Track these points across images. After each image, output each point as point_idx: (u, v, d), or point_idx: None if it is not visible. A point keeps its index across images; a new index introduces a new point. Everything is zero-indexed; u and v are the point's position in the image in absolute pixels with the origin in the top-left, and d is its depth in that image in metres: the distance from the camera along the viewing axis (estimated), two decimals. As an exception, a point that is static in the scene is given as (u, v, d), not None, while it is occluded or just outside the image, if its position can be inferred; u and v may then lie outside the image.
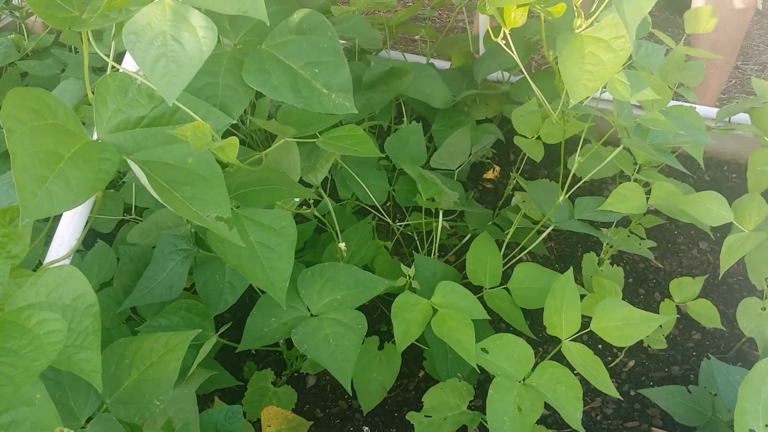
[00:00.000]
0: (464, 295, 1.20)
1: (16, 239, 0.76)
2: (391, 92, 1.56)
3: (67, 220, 0.95)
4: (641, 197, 1.31)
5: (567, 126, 1.35)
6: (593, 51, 0.93)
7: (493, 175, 1.93)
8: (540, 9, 0.97)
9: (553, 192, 1.39)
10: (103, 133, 0.83)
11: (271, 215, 1.02)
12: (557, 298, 1.15)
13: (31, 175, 0.70)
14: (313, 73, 0.94)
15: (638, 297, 1.61)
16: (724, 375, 1.16)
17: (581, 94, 0.91)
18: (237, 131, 1.72)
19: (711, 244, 1.72)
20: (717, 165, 1.92)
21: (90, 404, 0.89)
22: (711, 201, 1.22)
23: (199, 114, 0.87)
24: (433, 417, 1.18)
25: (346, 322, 1.12)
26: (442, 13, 2.84)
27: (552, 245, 1.74)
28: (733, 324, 1.53)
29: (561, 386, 1.07)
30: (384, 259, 1.41)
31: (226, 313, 1.24)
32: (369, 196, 1.44)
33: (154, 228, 1.25)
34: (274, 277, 1.01)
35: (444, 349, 1.31)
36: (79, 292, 0.75)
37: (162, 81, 0.68)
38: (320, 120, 1.16)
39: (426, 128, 1.72)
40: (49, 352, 0.70)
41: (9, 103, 0.72)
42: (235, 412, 1.03)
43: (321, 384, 1.44)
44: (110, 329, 1.17)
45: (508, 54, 1.05)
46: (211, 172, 0.85)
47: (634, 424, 1.36)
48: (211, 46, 0.69)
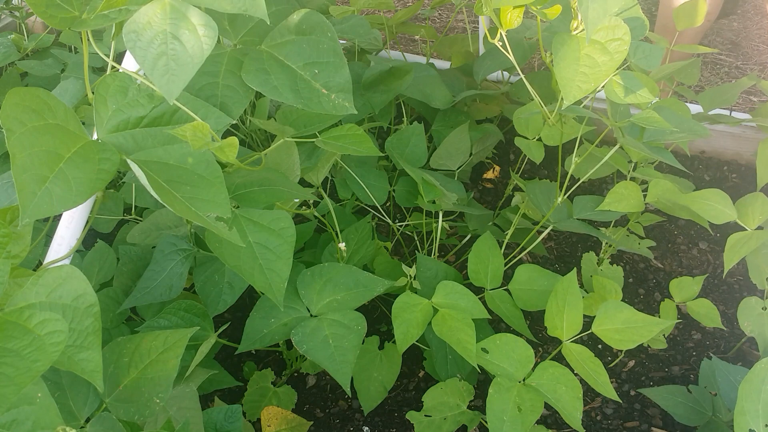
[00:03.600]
0: (465, 294, 1.20)
1: (16, 239, 0.76)
2: (391, 92, 1.56)
3: (67, 220, 0.95)
4: (638, 195, 1.31)
5: (565, 127, 1.36)
6: (588, 53, 0.93)
7: (493, 175, 1.93)
8: (536, 11, 0.97)
9: (551, 192, 1.39)
10: (103, 133, 0.83)
11: (270, 216, 1.02)
12: (559, 300, 1.15)
13: (31, 175, 0.70)
14: (312, 74, 0.94)
15: (638, 297, 1.61)
16: (724, 374, 1.16)
17: (575, 96, 0.92)
18: (237, 131, 1.72)
19: (711, 244, 1.72)
20: (717, 165, 1.92)
21: (89, 404, 0.89)
22: (715, 198, 1.23)
23: (199, 114, 0.87)
24: (433, 417, 1.18)
25: (345, 323, 1.12)
26: (442, 13, 2.84)
27: (552, 245, 1.74)
28: (733, 324, 1.53)
29: (561, 386, 1.07)
30: (384, 260, 1.41)
31: (226, 313, 1.24)
32: (369, 197, 1.44)
33: (154, 228, 1.25)
34: (273, 279, 1.01)
35: (444, 349, 1.31)
36: (79, 292, 0.75)
37: (162, 80, 0.68)
38: (320, 120, 1.16)
39: (426, 128, 1.72)
40: (51, 353, 0.70)
41: (9, 102, 0.72)
42: (234, 412, 1.03)
43: (321, 384, 1.44)
44: (110, 329, 1.17)
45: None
46: (211, 172, 0.85)
47: (634, 424, 1.36)
48: (212, 44, 0.69)
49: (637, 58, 1.10)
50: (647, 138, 1.24)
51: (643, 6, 2.58)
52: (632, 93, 0.99)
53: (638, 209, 1.30)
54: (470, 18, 2.42)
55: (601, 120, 1.16)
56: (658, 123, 1.04)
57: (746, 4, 2.68)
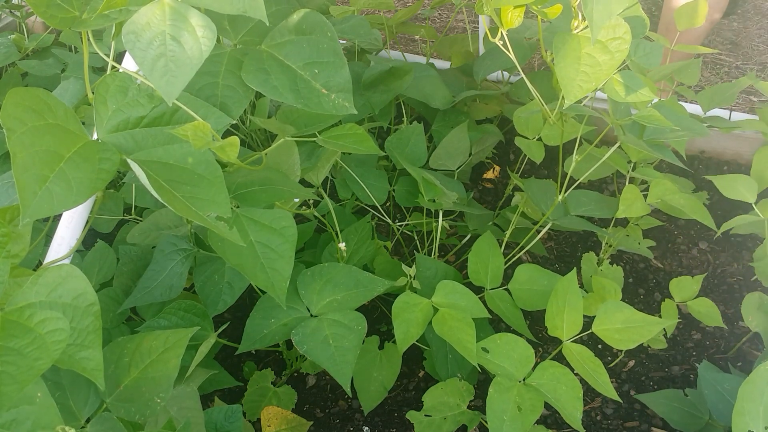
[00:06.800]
0: (465, 294, 1.20)
1: (16, 239, 0.76)
2: (391, 92, 1.56)
3: (67, 220, 0.95)
4: (641, 198, 1.33)
5: (566, 126, 1.36)
6: (589, 52, 0.93)
7: (493, 175, 1.93)
8: (536, 10, 0.97)
9: (550, 190, 1.39)
10: (103, 133, 0.83)
11: (271, 215, 1.02)
12: (560, 300, 1.15)
13: (31, 174, 0.70)
14: (312, 74, 0.94)
15: (638, 297, 1.61)
16: (711, 383, 1.15)
17: (576, 95, 0.92)
18: (237, 131, 1.72)
19: (711, 244, 1.72)
20: (717, 165, 1.92)
21: (90, 404, 0.89)
22: (740, 180, 1.34)
23: (199, 114, 0.87)
24: (433, 416, 1.18)
25: (345, 323, 1.12)
26: (442, 13, 2.84)
27: (552, 245, 1.74)
28: (733, 324, 1.53)
29: (561, 386, 1.07)
30: (384, 259, 1.41)
31: (226, 313, 1.24)
32: (369, 196, 1.44)
33: (154, 228, 1.26)
34: (275, 277, 1.02)
35: (444, 348, 1.31)
36: (79, 291, 0.75)
37: (161, 81, 0.68)
38: (320, 120, 1.16)
39: (426, 128, 1.72)
40: (52, 351, 0.70)
41: (9, 102, 0.72)
42: (235, 412, 1.03)
43: (321, 384, 1.44)
44: (110, 329, 1.17)
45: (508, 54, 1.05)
46: (211, 172, 0.85)
47: (634, 424, 1.36)
48: (210, 45, 0.69)
49: (637, 56, 1.10)
50: (647, 136, 1.24)
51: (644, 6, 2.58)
52: (633, 92, 0.99)
53: (645, 212, 1.32)
54: (470, 18, 2.42)
55: (602, 120, 1.17)
56: (658, 121, 1.04)
57: (746, 4, 2.69)
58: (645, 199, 1.35)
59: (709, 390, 1.14)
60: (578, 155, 1.29)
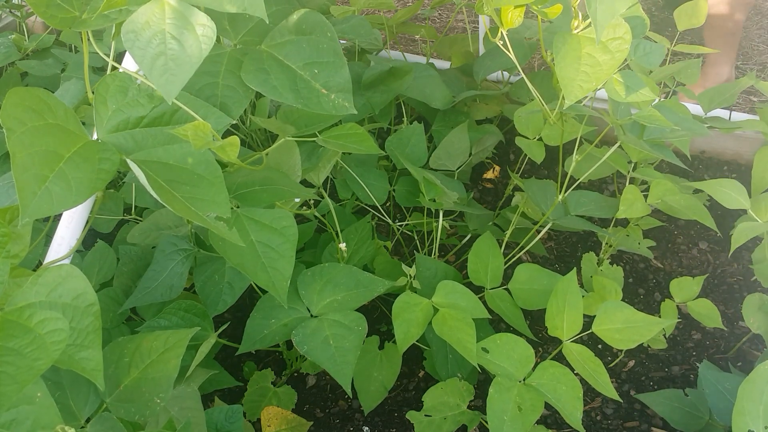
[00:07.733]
0: (465, 294, 1.20)
1: (16, 239, 0.76)
2: (391, 92, 1.56)
3: (67, 220, 0.95)
4: (641, 199, 1.33)
5: (566, 127, 1.36)
6: (590, 52, 0.93)
7: (493, 175, 1.93)
8: (536, 10, 0.97)
9: (550, 190, 1.39)
10: (103, 133, 0.83)
11: (272, 215, 1.02)
12: (560, 300, 1.15)
13: (31, 174, 0.70)
14: (312, 74, 0.94)
15: (638, 297, 1.61)
16: (712, 383, 1.15)
17: (576, 95, 0.92)
18: (237, 131, 1.72)
19: (711, 244, 1.72)
20: (717, 165, 1.92)
21: (90, 404, 0.89)
22: (731, 187, 1.30)
23: (199, 114, 0.87)
24: (433, 416, 1.18)
25: (346, 323, 1.12)
26: (442, 13, 2.84)
27: (552, 245, 1.74)
28: (733, 324, 1.53)
29: (561, 386, 1.07)
30: (384, 259, 1.41)
31: (226, 313, 1.24)
32: (369, 196, 1.44)
33: (154, 228, 1.26)
34: (276, 277, 1.02)
35: (444, 348, 1.31)
36: (79, 291, 0.75)
37: (161, 80, 0.68)
38: (320, 120, 1.16)
39: (426, 128, 1.72)
40: (52, 351, 0.70)
41: (9, 102, 0.72)
42: (235, 412, 1.03)
43: (321, 384, 1.44)
44: (110, 329, 1.17)
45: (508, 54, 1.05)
46: (211, 172, 0.85)
47: (634, 424, 1.36)
48: (210, 44, 0.69)
49: (637, 56, 1.10)
50: (647, 136, 1.24)
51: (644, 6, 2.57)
52: (633, 92, 0.99)
53: (645, 213, 1.32)
54: (470, 18, 2.42)
55: (602, 120, 1.17)
56: (659, 121, 1.04)
57: (746, 4, 2.68)
58: (645, 200, 1.35)
59: (709, 389, 1.14)
60: (578, 155, 1.29)
